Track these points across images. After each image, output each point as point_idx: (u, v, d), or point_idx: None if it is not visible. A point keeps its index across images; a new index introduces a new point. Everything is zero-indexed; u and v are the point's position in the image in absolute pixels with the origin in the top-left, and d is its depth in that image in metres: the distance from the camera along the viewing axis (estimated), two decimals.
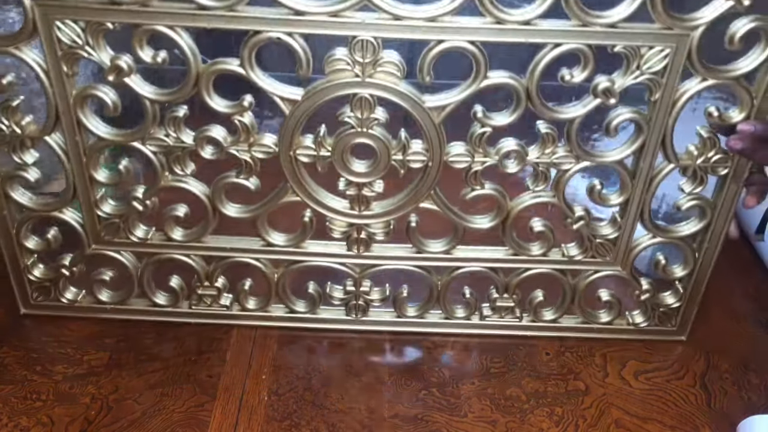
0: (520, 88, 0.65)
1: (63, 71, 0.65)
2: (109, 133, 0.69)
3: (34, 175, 0.72)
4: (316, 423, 0.73)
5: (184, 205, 0.74)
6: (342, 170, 0.70)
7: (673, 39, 0.62)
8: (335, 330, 0.81)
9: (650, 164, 0.70)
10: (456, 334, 0.81)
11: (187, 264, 0.76)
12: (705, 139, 0.69)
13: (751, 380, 0.79)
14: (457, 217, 0.73)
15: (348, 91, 0.65)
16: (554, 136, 0.68)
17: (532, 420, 0.74)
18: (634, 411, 0.75)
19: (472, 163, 0.69)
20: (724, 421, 0.74)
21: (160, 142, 0.69)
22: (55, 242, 0.76)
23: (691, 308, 0.79)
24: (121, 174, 0.71)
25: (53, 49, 0.63)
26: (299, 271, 0.77)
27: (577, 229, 0.73)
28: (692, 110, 0.70)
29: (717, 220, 0.73)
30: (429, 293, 0.79)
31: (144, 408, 0.73)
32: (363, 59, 0.63)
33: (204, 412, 0.73)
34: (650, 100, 0.66)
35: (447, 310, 0.80)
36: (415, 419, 0.73)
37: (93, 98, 0.67)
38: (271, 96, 0.66)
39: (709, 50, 0.65)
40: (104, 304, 0.79)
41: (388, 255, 0.76)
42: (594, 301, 0.79)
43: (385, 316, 0.80)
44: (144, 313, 0.79)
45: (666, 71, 0.64)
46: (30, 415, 0.72)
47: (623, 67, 0.64)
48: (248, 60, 0.64)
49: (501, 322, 0.80)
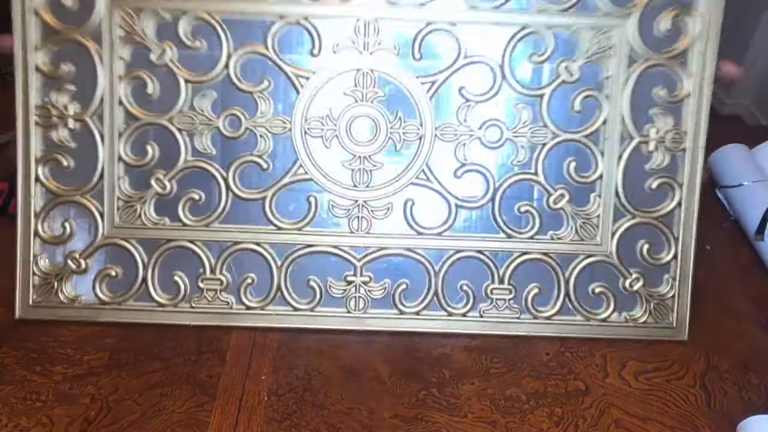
0: (495, 65, 0.77)
1: (118, 56, 0.75)
2: (145, 114, 0.77)
3: (67, 160, 0.78)
4: (316, 423, 0.72)
5: (198, 191, 0.79)
6: (347, 141, 0.78)
7: (616, 24, 0.76)
8: (335, 330, 0.81)
9: (615, 141, 0.79)
10: (456, 334, 0.81)
11: (194, 254, 0.79)
12: (658, 116, 0.79)
13: (751, 380, 0.79)
14: (450, 195, 0.79)
15: (352, 66, 0.76)
16: (529, 112, 0.78)
17: (532, 420, 0.73)
18: (634, 411, 0.75)
19: (458, 135, 0.78)
20: (724, 421, 0.74)
21: (188, 120, 0.77)
22: (70, 230, 0.78)
23: (684, 298, 0.80)
24: (147, 155, 0.78)
25: (111, 37, 0.75)
26: (301, 265, 0.79)
27: (560, 207, 0.79)
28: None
29: (687, 197, 0.79)
30: (427, 285, 0.80)
31: (144, 408, 0.72)
32: (366, 38, 0.75)
33: (204, 412, 0.72)
34: (605, 79, 0.78)
35: (445, 304, 0.80)
36: (415, 419, 0.73)
37: (138, 80, 0.77)
38: (288, 75, 0.77)
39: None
40: (105, 304, 0.79)
41: (388, 233, 0.80)
42: (589, 297, 0.81)
43: (384, 313, 0.81)
44: (144, 313, 0.80)
45: (613, 52, 0.77)
46: (30, 416, 0.71)
47: (579, 49, 0.77)
48: (272, 44, 0.76)
49: (500, 319, 0.81)
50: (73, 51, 0.76)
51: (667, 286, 0.81)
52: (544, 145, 0.79)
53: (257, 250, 0.79)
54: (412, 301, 0.80)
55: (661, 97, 0.79)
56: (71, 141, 0.78)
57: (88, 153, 0.78)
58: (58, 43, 0.76)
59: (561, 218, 0.80)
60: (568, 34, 0.77)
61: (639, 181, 0.80)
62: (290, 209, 0.79)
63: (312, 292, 0.80)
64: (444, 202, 0.80)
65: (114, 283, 0.79)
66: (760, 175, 0.93)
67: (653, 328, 0.81)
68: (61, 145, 0.78)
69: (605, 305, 0.81)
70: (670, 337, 0.81)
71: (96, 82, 0.76)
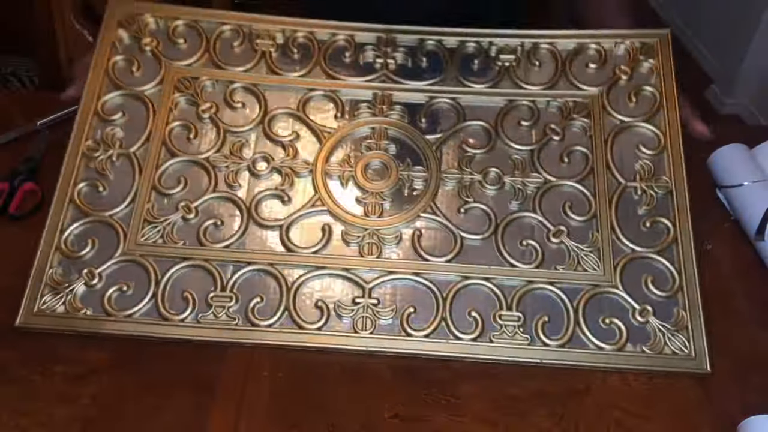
0: (490, 127, 0.90)
1: (169, 107, 0.89)
2: (182, 152, 0.87)
3: (103, 186, 0.85)
4: (316, 423, 0.70)
5: (219, 217, 0.85)
6: (361, 180, 0.87)
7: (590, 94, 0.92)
8: (341, 351, 0.78)
9: (604, 187, 0.86)
10: (464, 359, 0.78)
11: (207, 273, 0.81)
12: (642, 165, 0.87)
13: (751, 380, 0.76)
14: (455, 228, 0.84)
15: (369, 124, 0.90)
16: (523, 161, 0.88)
17: (532, 420, 0.71)
18: (634, 411, 0.72)
19: (461, 179, 0.86)
20: (724, 421, 0.72)
21: (221, 159, 0.87)
22: (92, 246, 0.82)
23: (698, 330, 0.79)
24: (179, 185, 0.86)
25: (167, 95, 0.90)
26: (310, 287, 0.81)
27: (560, 242, 0.83)
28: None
29: (682, 233, 0.83)
30: (435, 311, 0.80)
31: (144, 408, 0.71)
32: (381, 105, 0.91)
33: (204, 412, 0.71)
34: (588, 137, 0.89)
35: (454, 329, 0.79)
36: (415, 419, 0.71)
37: (183, 126, 0.89)
38: (314, 129, 0.90)
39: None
40: (110, 316, 0.78)
41: (396, 259, 0.83)
42: (600, 328, 0.79)
43: (392, 336, 0.79)
44: (148, 326, 0.78)
45: (591, 116, 0.90)
46: (30, 415, 0.70)
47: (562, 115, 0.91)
48: (302, 107, 0.91)
49: (511, 344, 0.78)
50: (131, 101, 0.90)
51: (678, 317, 0.80)
52: (539, 189, 0.87)
53: (270, 271, 0.81)
54: (419, 325, 0.79)
55: (642, 151, 0.89)
56: (111, 171, 0.86)
57: (124, 181, 0.86)
58: (121, 96, 0.90)
59: (563, 252, 0.84)
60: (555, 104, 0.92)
61: (633, 219, 0.86)
62: (304, 237, 0.84)
63: (320, 313, 0.79)
64: (450, 234, 0.84)
65: (124, 298, 0.80)
66: (760, 175, 0.92)
67: (673, 359, 0.78)
68: (101, 173, 0.86)
69: (618, 336, 0.79)
70: (692, 369, 0.77)
71: (146, 124, 0.88)
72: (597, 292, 0.81)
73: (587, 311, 0.80)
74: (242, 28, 0.95)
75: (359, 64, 0.94)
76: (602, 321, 0.80)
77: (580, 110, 0.91)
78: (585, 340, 0.79)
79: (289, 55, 0.95)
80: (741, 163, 0.94)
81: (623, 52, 0.94)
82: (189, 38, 0.95)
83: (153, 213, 0.84)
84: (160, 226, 0.83)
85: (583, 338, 0.79)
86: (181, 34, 0.95)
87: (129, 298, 0.80)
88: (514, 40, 0.95)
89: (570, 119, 0.91)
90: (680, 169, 0.87)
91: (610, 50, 0.95)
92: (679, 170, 0.87)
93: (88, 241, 0.82)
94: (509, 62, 0.94)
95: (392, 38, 0.95)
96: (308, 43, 0.95)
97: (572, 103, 0.91)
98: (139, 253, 0.82)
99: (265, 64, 0.94)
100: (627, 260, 0.83)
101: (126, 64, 0.93)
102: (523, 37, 0.95)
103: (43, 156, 0.97)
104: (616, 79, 0.93)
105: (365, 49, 0.95)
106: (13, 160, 0.95)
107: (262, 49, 0.94)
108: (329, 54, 0.94)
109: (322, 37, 0.96)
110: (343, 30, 0.95)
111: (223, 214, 0.85)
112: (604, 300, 0.81)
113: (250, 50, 0.95)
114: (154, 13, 0.95)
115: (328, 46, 0.95)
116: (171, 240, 0.83)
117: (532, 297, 0.81)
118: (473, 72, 0.94)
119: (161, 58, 0.93)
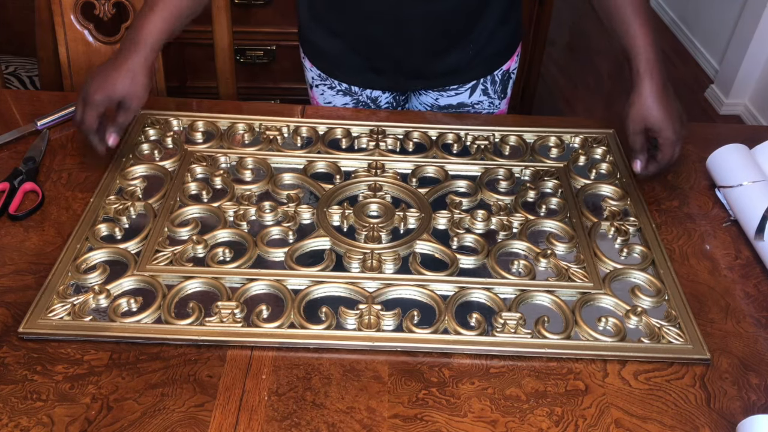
0: (474, 185, 1.03)
1: (186, 172, 1.02)
2: (195, 204, 0.96)
3: (120, 230, 0.92)
4: (316, 423, 0.70)
5: (228, 251, 0.90)
6: (362, 216, 0.95)
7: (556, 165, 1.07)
8: (344, 349, 0.78)
9: (579, 224, 0.95)
10: (469, 354, 0.79)
11: (215, 289, 0.84)
12: (610, 213, 0.98)
13: (751, 380, 0.76)
14: (450, 252, 0.91)
15: (366, 181, 1.02)
16: (506, 205, 0.99)
17: (532, 420, 0.71)
18: (634, 411, 0.73)
19: (452, 216, 0.95)
20: (724, 421, 0.72)
21: (233, 207, 0.96)
22: (104, 272, 0.85)
23: (689, 325, 0.81)
24: (190, 225, 0.92)
25: (185, 167, 1.02)
26: (315, 300, 0.84)
27: (547, 261, 0.90)
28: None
29: (656, 255, 0.90)
30: (437, 315, 0.82)
31: (144, 408, 0.71)
32: (376, 170, 1.04)
33: (204, 412, 0.71)
34: (560, 192, 1.01)
35: (456, 326, 0.81)
36: (415, 419, 0.71)
37: (197, 188, 0.99)
38: (314, 191, 1.02)
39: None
40: (113, 321, 0.79)
41: (397, 275, 0.88)
42: (598, 326, 0.82)
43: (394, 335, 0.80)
44: (149, 327, 0.79)
45: (560, 179, 1.04)
46: (30, 415, 0.70)
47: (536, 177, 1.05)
48: (307, 175, 1.05)
49: (514, 339, 0.80)
50: (152, 172, 1.02)
51: (669, 315, 0.83)
52: (522, 225, 0.95)
53: (275, 286, 0.84)
54: (421, 324, 0.80)
55: (608, 202, 1.00)
56: (128, 221, 0.93)
57: (140, 224, 0.92)
58: (143, 169, 1.02)
59: (553, 269, 0.89)
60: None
61: (610, 247, 0.93)
62: (309, 261, 0.89)
63: (323, 317, 0.81)
64: (445, 256, 0.90)
65: (130, 310, 0.81)
66: (759, 175, 0.92)
67: (671, 347, 0.79)
68: (119, 220, 0.93)
69: (616, 330, 0.81)
70: (692, 355, 0.78)
71: (163, 184, 0.98)
72: (590, 299, 0.85)
73: (584, 313, 0.83)
74: (252, 125, 1.11)
75: (354, 148, 1.09)
76: (599, 320, 0.82)
77: (550, 175, 1.04)
78: (585, 334, 0.80)
79: (293, 143, 1.09)
80: (740, 163, 0.95)
81: (579, 141, 1.11)
82: (206, 132, 1.10)
83: (165, 246, 0.89)
84: (172, 258, 0.88)
85: (584, 333, 0.81)
86: (197, 128, 1.10)
87: (135, 311, 0.81)
88: (485, 131, 1.11)
89: (542, 180, 1.03)
90: (644, 213, 0.97)
91: (567, 141, 1.11)
92: (643, 214, 0.97)
93: (102, 268, 0.86)
94: (483, 145, 1.09)
95: (382, 130, 1.11)
96: (311, 136, 1.10)
97: (543, 171, 1.05)
98: (150, 272, 0.85)
99: (273, 147, 1.07)
100: (612, 276, 0.88)
101: (150, 148, 1.06)
102: (493, 130, 1.12)
103: (43, 156, 0.98)
104: (575, 158, 1.08)
105: (360, 137, 1.10)
106: (14, 160, 0.96)
107: (270, 138, 1.09)
108: (328, 142, 1.09)
109: (322, 130, 1.11)
110: (339, 126, 1.11)
111: (231, 246, 0.90)
112: (598, 304, 0.85)
113: (259, 140, 1.09)
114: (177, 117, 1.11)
115: (327, 135, 1.10)
116: (181, 264, 0.87)
117: (530, 303, 0.85)
118: (453, 153, 1.08)
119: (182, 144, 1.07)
